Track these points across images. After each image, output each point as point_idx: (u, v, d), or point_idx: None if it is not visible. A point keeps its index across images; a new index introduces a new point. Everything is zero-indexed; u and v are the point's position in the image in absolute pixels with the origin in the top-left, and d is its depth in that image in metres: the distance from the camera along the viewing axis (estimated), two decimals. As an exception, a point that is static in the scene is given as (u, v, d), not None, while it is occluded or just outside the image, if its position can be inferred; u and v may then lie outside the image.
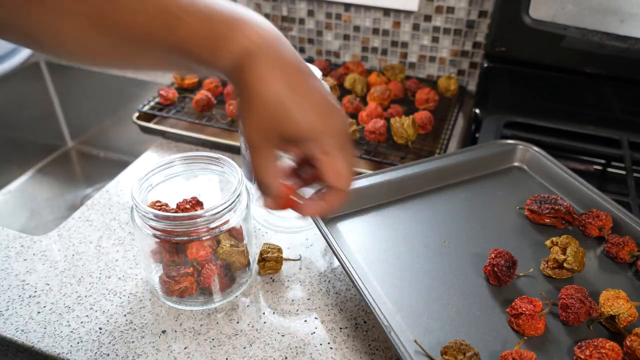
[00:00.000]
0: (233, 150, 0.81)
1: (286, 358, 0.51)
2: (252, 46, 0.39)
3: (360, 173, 0.66)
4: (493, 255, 0.53)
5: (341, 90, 0.93)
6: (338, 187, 0.44)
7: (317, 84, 0.42)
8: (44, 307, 0.56)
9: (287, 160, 0.48)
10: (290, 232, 0.67)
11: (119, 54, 0.41)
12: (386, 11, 0.96)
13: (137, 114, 0.86)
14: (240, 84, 0.40)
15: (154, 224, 0.51)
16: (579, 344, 0.46)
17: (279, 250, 0.60)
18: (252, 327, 0.54)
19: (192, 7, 0.39)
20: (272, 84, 0.39)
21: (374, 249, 0.58)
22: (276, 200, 0.44)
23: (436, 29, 0.95)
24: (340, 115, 0.43)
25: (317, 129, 0.41)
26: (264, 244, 0.60)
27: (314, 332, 0.54)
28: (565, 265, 0.53)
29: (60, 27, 0.38)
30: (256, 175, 0.43)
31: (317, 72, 0.60)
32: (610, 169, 0.80)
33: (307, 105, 0.40)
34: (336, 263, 0.62)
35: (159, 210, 0.54)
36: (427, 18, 0.94)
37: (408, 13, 0.95)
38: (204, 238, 0.52)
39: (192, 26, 0.39)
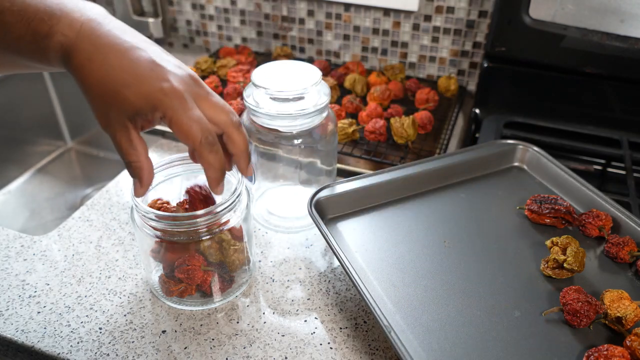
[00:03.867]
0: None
1: (286, 358, 0.51)
2: (67, 41, 0.42)
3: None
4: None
5: (341, 90, 0.93)
6: (191, 144, 0.43)
7: (137, 54, 0.42)
8: (44, 307, 0.56)
9: None
10: (290, 232, 0.67)
11: None
12: (386, 11, 0.96)
13: (137, 114, 0.86)
14: (72, 76, 0.43)
15: (154, 223, 0.51)
16: (587, 352, 0.46)
17: None
18: (252, 327, 0.54)
19: (14, 5, 0.41)
20: (93, 71, 0.41)
21: (374, 249, 0.58)
22: (144, 180, 0.46)
23: (436, 29, 0.95)
24: (169, 74, 0.43)
25: (148, 98, 0.42)
26: None
27: (314, 332, 0.54)
28: (565, 265, 0.53)
29: None
30: (122, 158, 0.45)
31: (317, 72, 0.60)
32: (610, 169, 0.80)
33: (130, 80, 0.41)
34: (336, 263, 0.62)
35: (160, 208, 0.54)
36: (427, 18, 0.94)
37: (408, 13, 0.95)
38: (203, 238, 0.52)
39: (13, 26, 0.41)
